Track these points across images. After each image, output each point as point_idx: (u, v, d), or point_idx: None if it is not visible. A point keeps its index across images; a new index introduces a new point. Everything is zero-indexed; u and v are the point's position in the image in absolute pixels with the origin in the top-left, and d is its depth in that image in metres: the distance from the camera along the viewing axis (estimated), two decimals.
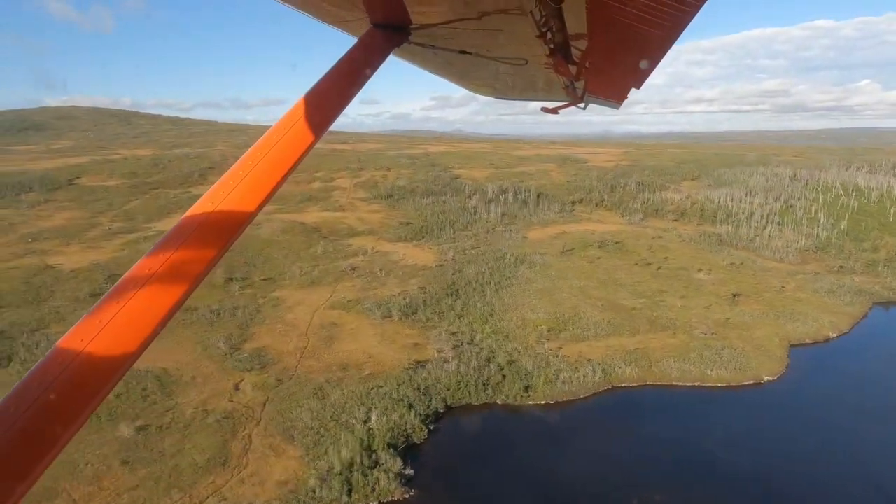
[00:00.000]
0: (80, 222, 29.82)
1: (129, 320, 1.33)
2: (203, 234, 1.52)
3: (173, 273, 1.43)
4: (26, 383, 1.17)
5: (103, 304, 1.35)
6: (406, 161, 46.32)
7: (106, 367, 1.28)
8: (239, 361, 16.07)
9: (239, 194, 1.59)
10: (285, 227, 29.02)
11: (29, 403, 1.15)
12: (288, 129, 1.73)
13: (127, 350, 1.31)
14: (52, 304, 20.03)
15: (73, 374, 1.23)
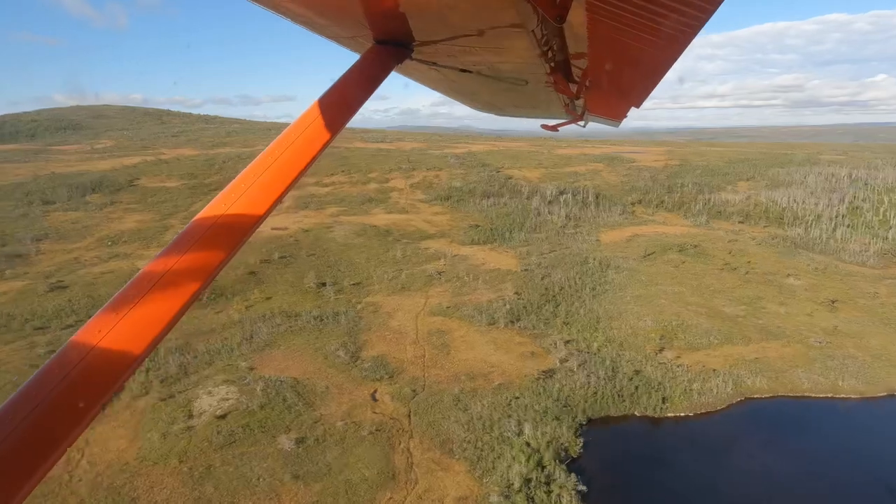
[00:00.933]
0: (152, 225, 29.90)
1: (138, 321, 1.36)
2: (213, 237, 1.55)
3: (183, 275, 1.45)
4: (37, 381, 1.20)
5: (114, 303, 1.38)
6: (454, 161, 46.11)
7: (114, 366, 1.30)
8: (364, 371, 15.98)
9: (248, 199, 1.64)
10: (358, 231, 28.95)
11: (38, 401, 1.18)
12: (294, 140, 1.79)
13: (135, 350, 1.33)
14: None
15: (82, 372, 1.25)
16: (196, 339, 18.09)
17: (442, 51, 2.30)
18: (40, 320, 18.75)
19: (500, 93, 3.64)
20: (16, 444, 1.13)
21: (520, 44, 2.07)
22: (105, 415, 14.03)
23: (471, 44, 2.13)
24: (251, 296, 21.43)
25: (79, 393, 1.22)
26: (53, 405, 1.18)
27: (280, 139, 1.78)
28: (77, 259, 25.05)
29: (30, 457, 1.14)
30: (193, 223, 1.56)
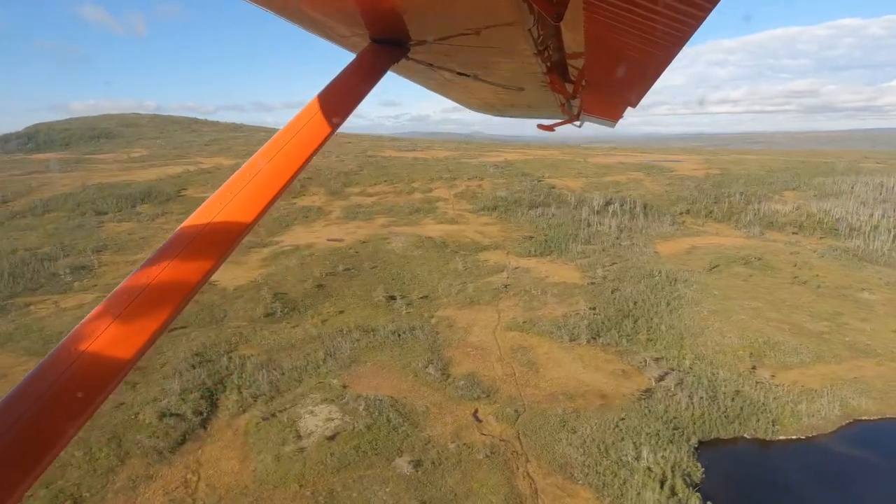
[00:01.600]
0: None
1: (127, 327, 1.35)
2: (201, 244, 1.53)
3: (171, 283, 1.44)
4: (27, 384, 1.21)
5: (101, 310, 1.37)
6: (494, 171, 45.93)
7: (104, 371, 1.29)
8: (459, 389, 15.74)
9: (236, 206, 1.61)
10: (414, 242, 28.80)
11: (29, 404, 1.18)
12: (286, 143, 1.76)
13: (123, 358, 1.32)
14: (231, 324, 19.96)
15: (72, 377, 1.24)
16: (278, 354, 17.95)
17: (438, 50, 2.28)
18: None
19: (496, 93, 3.60)
20: (9, 444, 1.13)
21: (516, 43, 2.05)
22: (208, 433, 13.91)
23: (467, 43, 2.10)
24: (323, 309, 21.30)
25: (69, 397, 1.22)
26: (44, 408, 1.19)
27: (273, 141, 1.75)
28: None
29: (24, 457, 1.14)
30: (180, 231, 1.54)
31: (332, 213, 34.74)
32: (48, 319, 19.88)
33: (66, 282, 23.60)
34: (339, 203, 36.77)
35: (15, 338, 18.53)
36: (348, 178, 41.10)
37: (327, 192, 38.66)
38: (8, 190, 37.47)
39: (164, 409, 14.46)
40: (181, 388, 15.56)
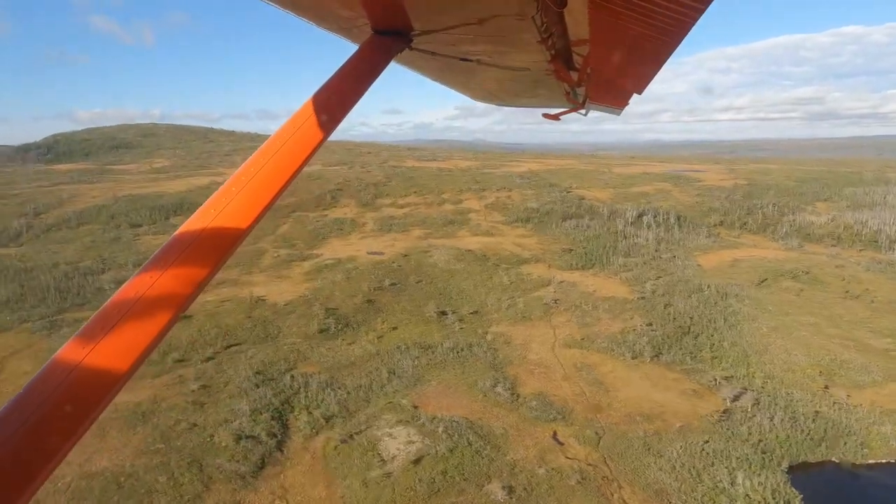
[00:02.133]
0: (246, 249, 29.74)
1: (122, 338, 1.31)
2: (198, 250, 1.49)
3: (168, 290, 1.40)
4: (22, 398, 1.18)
5: (97, 320, 1.34)
6: (520, 181, 45.80)
7: (101, 382, 1.25)
8: (532, 410, 15.47)
9: (234, 209, 1.56)
10: (455, 255, 28.60)
11: (26, 418, 1.16)
12: (288, 138, 1.72)
13: (120, 369, 1.30)
14: (286, 340, 19.75)
15: (68, 390, 1.22)
16: (340, 372, 17.72)
17: (441, 40, 2.26)
18: (178, 353, 18.51)
19: (500, 82, 3.56)
20: (4, 460, 1.10)
21: (520, 31, 2.04)
22: (286, 456, 13.67)
23: (471, 32, 2.08)
24: (376, 325, 21.08)
25: (63, 413, 1.20)
26: (41, 422, 1.16)
27: (275, 137, 1.71)
28: None
29: (18, 474, 1.12)
30: (176, 236, 1.49)
31: (366, 226, 34.60)
32: None
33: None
34: (371, 215, 36.64)
35: None
36: (378, 190, 41.01)
37: (358, 203, 38.55)
38: (38, 202, 37.50)
39: (238, 431, 14.24)
40: (250, 409, 15.33)
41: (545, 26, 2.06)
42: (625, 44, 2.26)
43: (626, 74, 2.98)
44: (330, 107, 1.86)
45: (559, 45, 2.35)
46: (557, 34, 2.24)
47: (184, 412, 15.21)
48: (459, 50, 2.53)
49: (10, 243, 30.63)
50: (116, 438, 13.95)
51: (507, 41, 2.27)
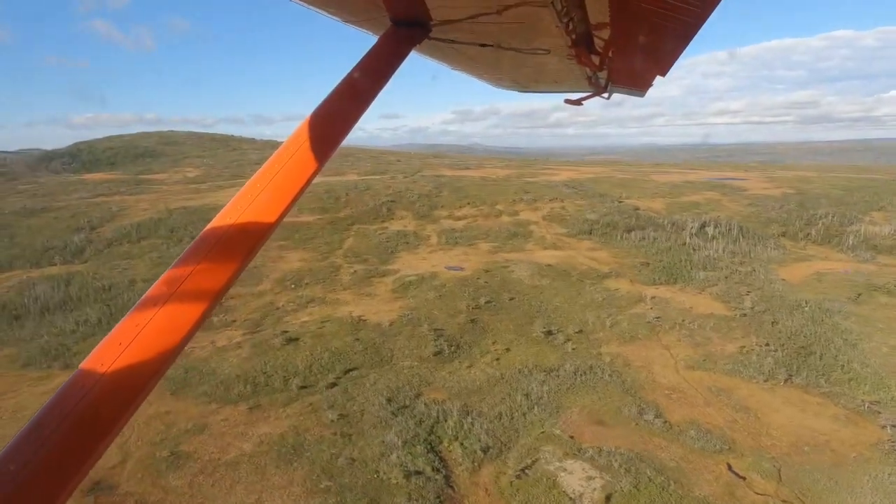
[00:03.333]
0: (319, 265, 29.21)
1: (156, 334, 1.34)
2: (227, 246, 1.53)
3: (198, 287, 1.43)
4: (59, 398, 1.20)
5: (132, 316, 1.38)
6: (568, 191, 45.42)
7: (135, 380, 1.28)
8: (693, 440, 14.96)
9: (262, 204, 1.60)
10: (536, 270, 28.14)
11: (61, 419, 1.18)
12: (313, 132, 1.74)
13: (153, 366, 1.32)
14: (402, 363, 19.18)
15: (105, 387, 1.24)
16: (471, 399, 17.17)
17: (461, 28, 2.26)
18: (299, 378, 17.91)
19: (521, 69, 3.56)
20: (47, 458, 1.12)
21: (540, 17, 2.02)
22: (459, 493, 13.10)
23: (491, 20, 2.06)
24: (487, 346, 20.55)
25: (103, 408, 1.23)
26: (79, 419, 1.18)
27: (297, 133, 1.71)
28: (272, 304, 24.32)
29: (60, 472, 1.13)
30: (205, 233, 1.53)
31: (430, 239, 34.07)
32: (212, 361, 19.07)
33: None
34: (431, 227, 36.12)
35: (190, 383, 17.70)
36: (431, 201, 40.50)
37: (415, 215, 38.02)
38: (90, 215, 36.79)
39: (402, 466, 13.66)
40: (401, 441, 14.74)
41: (565, 11, 2.05)
42: (647, 25, 2.19)
43: (649, 56, 2.92)
44: (352, 99, 1.86)
45: (580, 29, 2.35)
46: (578, 19, 2.22)
47: (334, 445, 14.61)
48: (479, 38, 2.51)
49: (75, 259, 29.91)
50: (277, 475, 13.35)
51: (527, 28, 2.25)
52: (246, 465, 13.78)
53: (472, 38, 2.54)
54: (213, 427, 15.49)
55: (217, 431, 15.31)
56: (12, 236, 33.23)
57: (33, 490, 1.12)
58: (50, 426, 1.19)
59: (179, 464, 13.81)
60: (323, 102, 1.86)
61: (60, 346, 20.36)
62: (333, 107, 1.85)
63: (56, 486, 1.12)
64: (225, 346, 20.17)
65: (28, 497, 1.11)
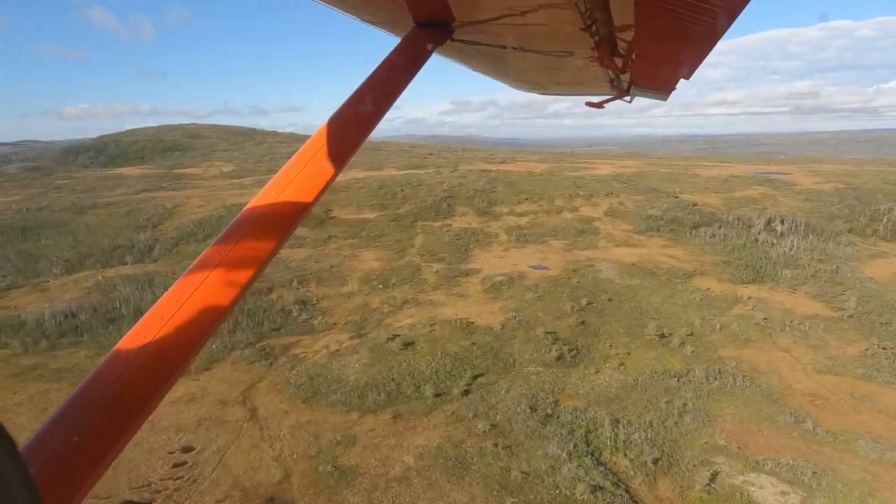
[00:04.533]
0: (398, 264, 28.65)
1: (199, 307, 1.39)
2: (267, 224, 1.60)
3: (240, 262, 1.49)
4: (107, 365, 1.27)
5: (175, 290, 1.44)
6: (620, 186, 44.85)
7: (177, 350, 1.33)
8: (867, 451, 14.57)
9: (298, 186, 1.68)
10: (621, 269, 27.66)
11: (107, 386, 1.24)
12: (335, 131, 1.81)
13: (194, 337, 1.38)
14: (526, 369, 18.72)
15: (151, 354, 1.30)
16: (611, 406, 16.75)
17: (483, 30, 2.26)
18: (429, 385, 17.43)
19: (543, 71, 3.52)
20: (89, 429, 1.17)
21: (564, 19, 2.03)
22: None
23: (514, 22, 2.08)
24: (606, 350, 20.08)
25: (147, 377, 1.29)
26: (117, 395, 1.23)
27: (325, 127, 1.80)
28: (366, 305, 23.77)
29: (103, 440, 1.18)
30: (246, 212, 1.62)
31: (499, 236, 33.52)
32: (333, 366, 18.57)
33: (303, 320, 22.23)
34: (495, 224, 35.54)
35: (319, 390, 17.20)
36: (487, 197, 39.89)
37: (476, 212, 37.42)
38: (145, 212, 36.08)
39: (579, 480, 13.21)
40: (565, 453, 14.29)
41: (589, 13, 2.03)
42: (672, 28, 2.16)
43: (674, 59, 2.83)
44: (375, 98, 1.88)
45: (603, 31, 2.35)
46: (601, 20, 2.22)
47: (498, 457, 14.15)
48: (501, 40, 2.51)
49: (145, 258, 29.26)
50: (455, 491, 12.89)
51: (550, 29, 2.24)
52: (417, 481, 13.31)
53: (495, 39, 2.52)
54: (362, 439, 15.00)
55: (369, 443, 14.82)
56: (73, 234, 32.52)
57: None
58: (96, 394, 1.23)
59: (347, 480, 13.32)
60: (347, 101, 1.87)
61: None
62: (357, 106, 1.86)
63: (107, 446, 1.17)
64: (339, 351, 19.64)
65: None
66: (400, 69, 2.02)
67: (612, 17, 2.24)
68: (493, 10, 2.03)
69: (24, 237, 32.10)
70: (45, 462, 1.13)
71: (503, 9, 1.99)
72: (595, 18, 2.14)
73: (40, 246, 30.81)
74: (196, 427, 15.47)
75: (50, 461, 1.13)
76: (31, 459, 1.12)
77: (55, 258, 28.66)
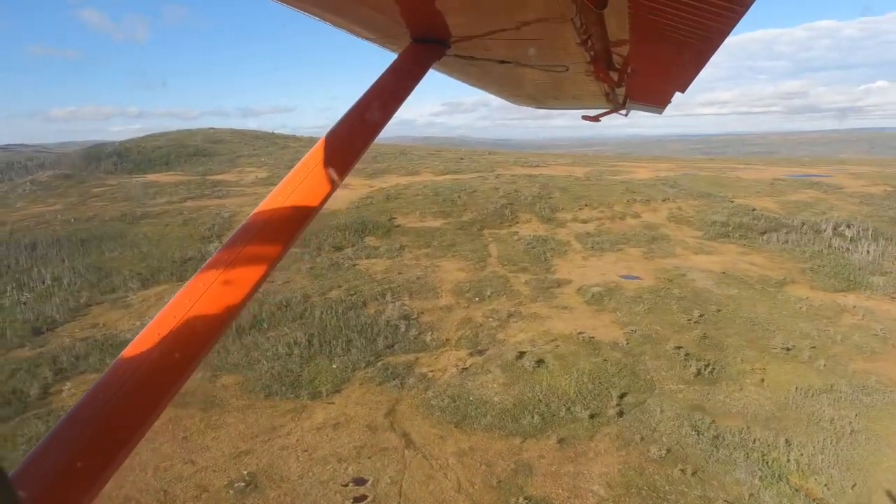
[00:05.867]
0: (483, 274, 28.00)
1: (207, 308, 1.41)
2: (273, 228, 1.64)
3: (249, 264, 1.51)
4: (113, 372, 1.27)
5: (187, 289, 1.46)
6: (672, 190, 44.49)
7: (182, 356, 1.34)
8: None
9: (304, 193, 1.71)
10: (714, 279, 27.18)
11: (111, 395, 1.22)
12: (340, 138, 1.86)
13: (202, 340, 1.39)
14: (668, 387, 18.14)
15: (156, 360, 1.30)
16: (770, 426, 16.17)
17: (480, 45, 2.33)
18: (579, 405, 16.80)
19: (540, 85, 3.52)
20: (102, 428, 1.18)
21: (560, 34, 2.05)
22: None
23: (510, 37, 2.12)
24: (738, 365, 19.54)
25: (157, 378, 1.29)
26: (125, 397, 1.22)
27: (322, 142, 1.84)
28: (470, 319, 23.09)
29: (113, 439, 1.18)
30: (253, 216, 1.66)
31: (571, 244, 32.94)
32: (469, 386, 17.87)
33: (413, 336, 21.50)
34: (563, 231, 34.97)
35: (468, 413, 16.51)
36: (546, 203, 39.35)
37: (540, 219, 36.85)
38: (202, 222, 35.13)
39: None
40: (757, 479, 13.71)
41: (584, 28, 2.02)
42: (666, 43, 2.16)
43: (668, 73, 2.88)
44: (373, 113, 1.93)
45: (599, 46, 2.33)
46: (597, 35, 2.21)
47: (691, 485, 13.62)
48: (498, 54, 2.50)
49: None
50: None
51: (546, 44, 2.25)
52: None
53: (491, 54, 2.52)
54: (538, 467, 14.33)
55: (547, 472, 14.15)
56: (135, 246, 31.50)
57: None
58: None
59: None
60: (345, 116, 1.90)
61: (287, 371, 18.97)
62: (356, 118, 1.89)
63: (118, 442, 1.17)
64: (468, 370, 18.93)
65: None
66: (397, 84, 2.04)
67: (608, 33, 2.23)
68: (489, 25, 2.03)
69: (86, 250, 31.05)
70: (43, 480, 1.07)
71: (499, 24, 1.99)
72: (590, 33, 2.12)
73: (106, 259, 29.78)
74: (357, 456, 14.72)
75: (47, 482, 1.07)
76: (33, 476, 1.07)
77: (127, 272, 27.65)
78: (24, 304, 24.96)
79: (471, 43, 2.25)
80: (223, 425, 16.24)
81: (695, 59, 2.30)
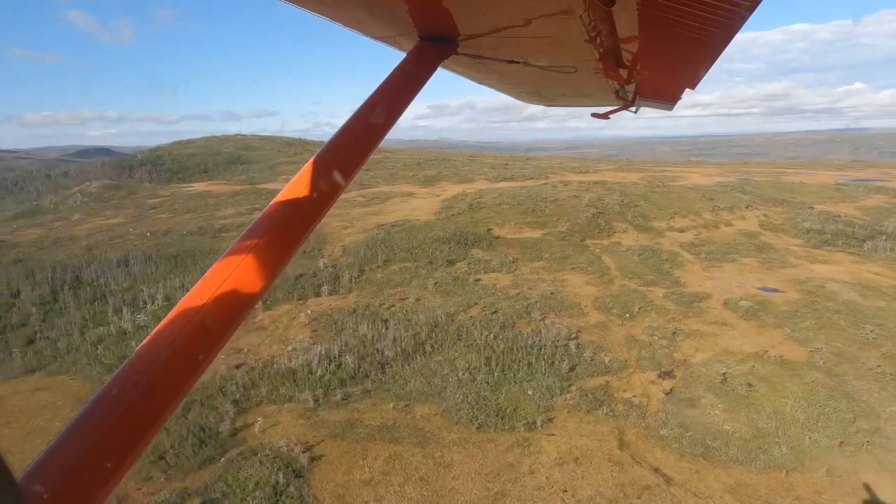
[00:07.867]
0: (614, 288, 27.09)
1: (218, 307, 1.39)
2: (289, 221, 1.62)
3: (256, 266, 1.49)
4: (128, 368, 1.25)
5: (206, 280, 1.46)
6: (746, 197, 44.10)
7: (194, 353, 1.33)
8: None
9: (315, 192, 1.68)
10: (853, 290, 26.60)
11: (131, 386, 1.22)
12: (348, 139, 1.84)
13: (217, 332, 1.38)
14: (891, 411, 17.33)
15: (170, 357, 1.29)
16: None
17: (488, 43, 2.31)
18: (820, 435, 15.94)
19: (547, 83, 3.49)
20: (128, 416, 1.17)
21: (568, 31, 2.02)
22: None
23: (518, 34, 2.11)
24: None
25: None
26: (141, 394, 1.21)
27: (333, 141, 1.83)
28: (633, 337, 22.14)
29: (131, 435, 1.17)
30: (269, 209, 1.66)
31: (683, 254, 32.21)
32: (679, 413, 16.87)
33: (589, 357, 20.50)
34: (664, 241, 34.24)
35: (708, 444, 15.49)
36: (636, 212, 38.60)
37: (634, 228, 36.09)
38: None
39: None
40: None
41: (593, 24, 2.00)
42: (676, 39, 2.15)
43: (678, 70, 2.85)
44: (381, 113, 1.89)
45: (608, 42, 2.29)
46: (606, 32, 2.18)
47: None
48: (506, 52, 2.51)
49: (340, 289, 26.93)
50: None
51: (554, 41, 2.23)
52: None
53: (500, 52, 2.50)
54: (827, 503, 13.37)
55: None
56: None
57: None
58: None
59: None
60: (353, 116, 1.89)
61: (482, 398, 17.83)
62: (365, 119, 1.88)
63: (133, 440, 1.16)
64: (672, 394, 17.97)
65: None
66: (406, 83, 2.01)
67: (617, 29, 2.19)
68: (497, 22, 2.02)
69: (181, 267, 29.46)
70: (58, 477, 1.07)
71: (507, 21, 1.97)
72: (599, 30, 2.10)
73: None
74: (624, 496, 13.66)
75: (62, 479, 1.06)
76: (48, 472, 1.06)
77: None
78: (144, 329, 23.36)
79: (479, 41, 2.23)
80: (453, 463, 15.04)
81: (705, 55, 2.26)
